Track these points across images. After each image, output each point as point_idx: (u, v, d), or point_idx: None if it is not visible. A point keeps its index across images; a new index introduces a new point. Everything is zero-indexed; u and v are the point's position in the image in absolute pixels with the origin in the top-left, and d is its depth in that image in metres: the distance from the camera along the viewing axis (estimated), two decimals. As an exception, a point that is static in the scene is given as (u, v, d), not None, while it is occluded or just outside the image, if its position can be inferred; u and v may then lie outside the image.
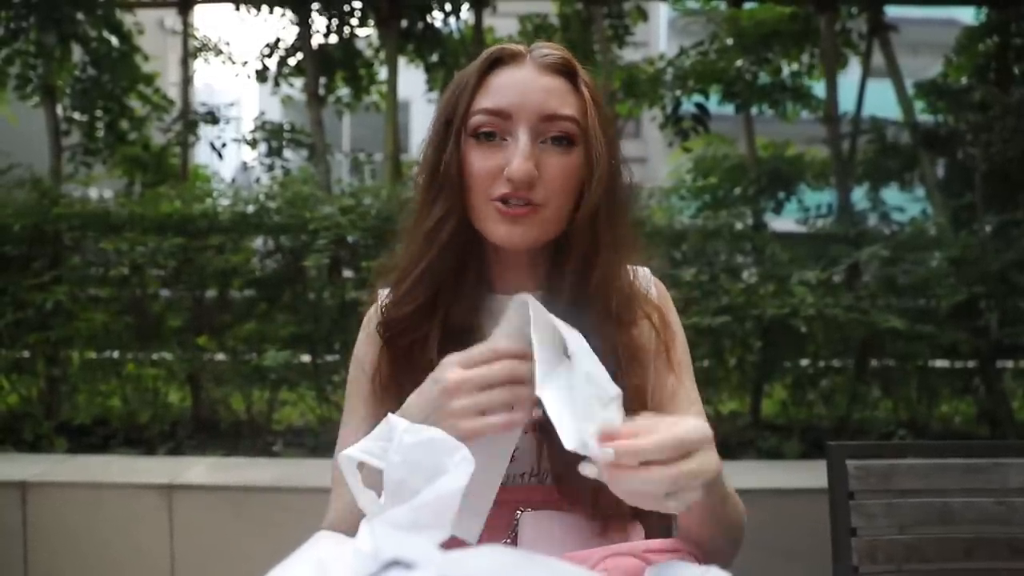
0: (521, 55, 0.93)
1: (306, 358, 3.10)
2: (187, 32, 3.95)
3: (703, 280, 3.02)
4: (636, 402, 0.91)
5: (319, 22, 3.87)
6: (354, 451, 0.71)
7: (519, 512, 0.91)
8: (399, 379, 0.93)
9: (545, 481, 0.93)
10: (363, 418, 0.98)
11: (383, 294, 1.02)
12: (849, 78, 4.04)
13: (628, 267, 0.98)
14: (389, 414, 0.73)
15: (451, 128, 0.92)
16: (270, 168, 3.92)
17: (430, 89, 4.18)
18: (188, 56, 3.97)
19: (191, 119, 3.88)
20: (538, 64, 0.92)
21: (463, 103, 0.91)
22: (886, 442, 2.97)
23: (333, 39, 3.92)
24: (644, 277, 1.02)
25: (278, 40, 4.00)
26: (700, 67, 3.76)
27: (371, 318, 1.03)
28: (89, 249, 3.24)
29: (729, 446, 2.93)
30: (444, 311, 0.94)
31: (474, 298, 0.96)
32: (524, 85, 0.90)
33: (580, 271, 0.92)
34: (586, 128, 0.91)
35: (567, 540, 0.88)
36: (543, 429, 0.90)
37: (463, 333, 0.94)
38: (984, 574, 1.28)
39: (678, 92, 3.80)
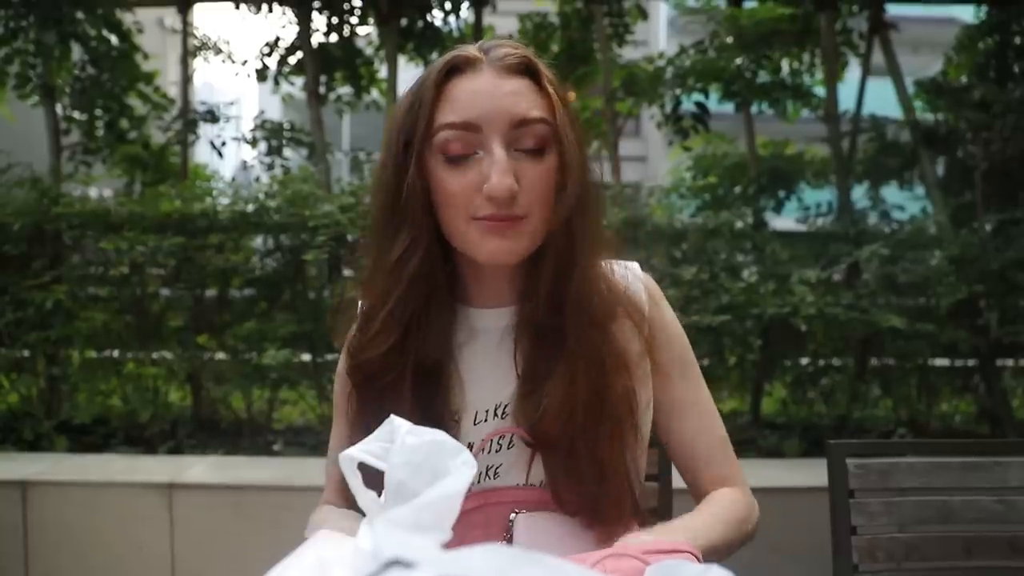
0: (478, 60, 0.86)
1: (306, 357, 3.10)
2: (187, 31, 3.95)
3: (703, 279, 3.02)
4: (622, 406, 0.89)
5: (319, 21, 3.87)
6: (355, 451, 0.71)
7: (513, 514, 0.89)
8: (367, 421, 0.85)
9: (538, 485, 0.92)
10: (347, 436, 0.95)
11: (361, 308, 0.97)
12: (849, 76, 4.04)
13: (608, 264, 0.94)
14: (392, 415, 0.73)
15: (411, 149, 0.86)
16: (270, 167, 3.92)
17: (430, 88, 4.17)
18: (188, 55, 3.97)
19: (191, 118, 3.88)
20: (498, 67, 0.85)
21: (423, 120, 0.85)
22: (886, 440, 2.98)
23: (333, 38, 3.92)
24: (632, 274, 0.97)
25: (278, 39, 4.00)
26: (700, 66, 3.75)
27: (351, 336, 0.98)
28: (89, 248, 3.24)
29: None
30: (416, 348, 0.89)
31: (445, 323, 0.91)
32: (489, 92, 0.84)
33: (557, 277, 0.87)
34: (556, 129, 0.86)
35: (563, 541, 0.87)
36: (534, 443, 0.89)
37: (436, 363, 0.90)
38: (984, 572, 1.28)
39: (678, 91, 3.80)
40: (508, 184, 0.82)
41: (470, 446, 0.90)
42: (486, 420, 0.91)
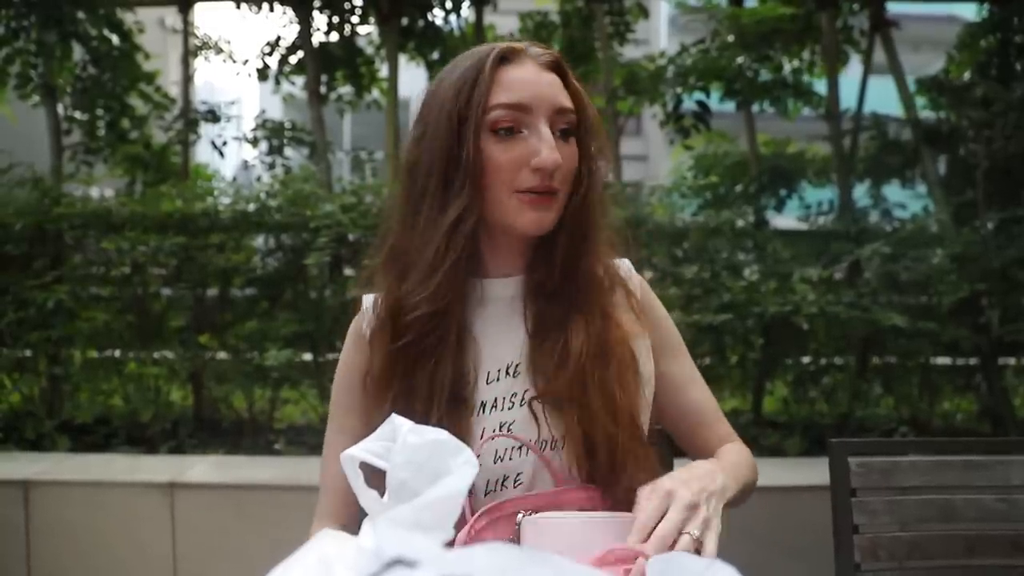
0: (523, 52, 0.98)
1: (307, 356, 3.10)
2: (188, 30, 3.95)
3: (705, 278, 3.02)
4: (624, 349, 0.98)
5: (320, 20, 3.87)
6: (357, 450, 0.71)
7: (520, 515, 0.90)
8: (392, 383, 0.95)
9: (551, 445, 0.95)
10: (352, 429, 1.02)
11: (367, 302, 1.03)
12: (850, 75, 4.03)
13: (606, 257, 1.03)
14: (393, 414, 0.73)
15: (466, 124, 0.94)
16: (271, 166, 3.92)
17: (431, 87, 4.17)
18: (189, 54, 3.97)
19: (192, 117, 3.88)
20: (538, 62, 0.98)
21: (478, 98, 0.94)
22: (888, 439, 2.98)
23: (334, 37, 3.92)
24: (623, 268, 1.07)
25: (279, 38, 4.00)
26: (701, 64, 3.75)
27: (357, 328, 1.04)
28: (90, 248, 3.24)
29: (731, 443, 2.93)
30: (459, 313, 0.96)
31: (466, 290, 0.99)
32: (535, 81, 0.96)
33: (569, 254, 0.97)
34: (585, 119, 0.98)
35: (570, 542, 0.87)
36: (548, 393, 0.94)
37: (460, 331, 0.97)
38: (986, 571, 1.28)
39: (679, 89, 3.79)
40: (555, 158, 0.92)
41: (483, 404, 0.95)
42: (498, 379, 0.97)
